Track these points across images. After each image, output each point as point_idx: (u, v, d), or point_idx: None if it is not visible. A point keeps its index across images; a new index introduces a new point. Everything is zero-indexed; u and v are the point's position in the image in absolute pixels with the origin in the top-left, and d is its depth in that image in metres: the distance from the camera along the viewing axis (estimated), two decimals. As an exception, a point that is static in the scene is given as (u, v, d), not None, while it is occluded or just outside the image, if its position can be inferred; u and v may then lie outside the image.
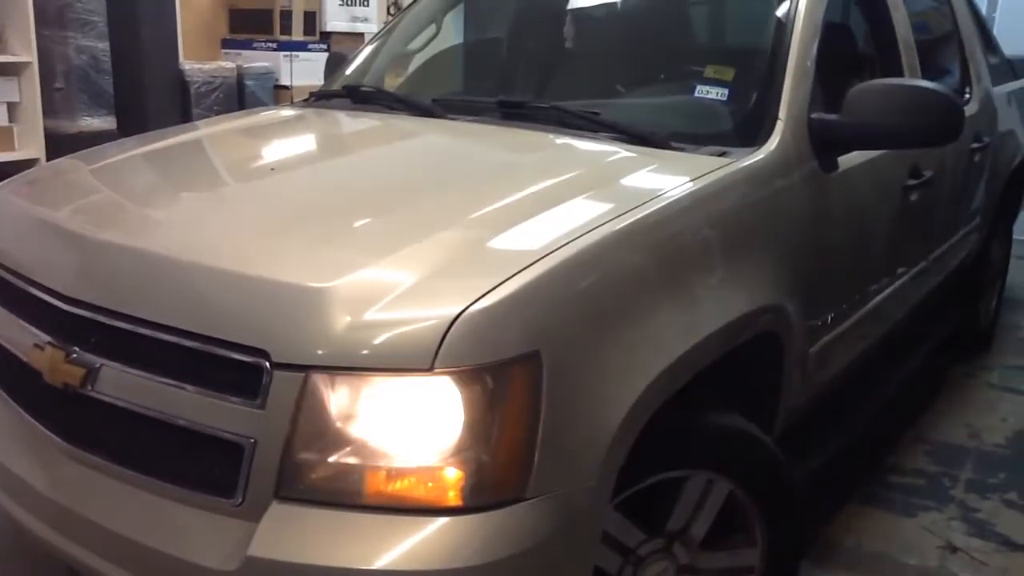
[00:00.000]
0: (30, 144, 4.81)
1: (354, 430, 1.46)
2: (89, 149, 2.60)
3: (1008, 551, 2.70)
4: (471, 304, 1.43)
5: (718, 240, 1.92)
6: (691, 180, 1.93)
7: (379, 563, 1.42)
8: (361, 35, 6.59)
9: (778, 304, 2.05)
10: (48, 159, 4.66)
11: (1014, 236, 4.73)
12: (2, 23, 4.71)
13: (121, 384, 1.63)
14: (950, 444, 3.38)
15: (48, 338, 1.73)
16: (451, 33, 3.37)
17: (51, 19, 4.88)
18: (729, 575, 2.01)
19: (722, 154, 2.09)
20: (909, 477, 3.11)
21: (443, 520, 1.44)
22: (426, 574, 1.42)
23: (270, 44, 6.09)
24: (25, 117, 4.82)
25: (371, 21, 6.71)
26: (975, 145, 3.47)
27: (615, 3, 3.02)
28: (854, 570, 2.57)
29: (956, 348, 4.10)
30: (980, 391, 3.91)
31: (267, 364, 1.45)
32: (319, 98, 2.94)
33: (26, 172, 2.50)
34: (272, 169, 2.25)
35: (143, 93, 5.24)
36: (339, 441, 1.46)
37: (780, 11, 2.40)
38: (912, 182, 2.79)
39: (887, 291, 2.81)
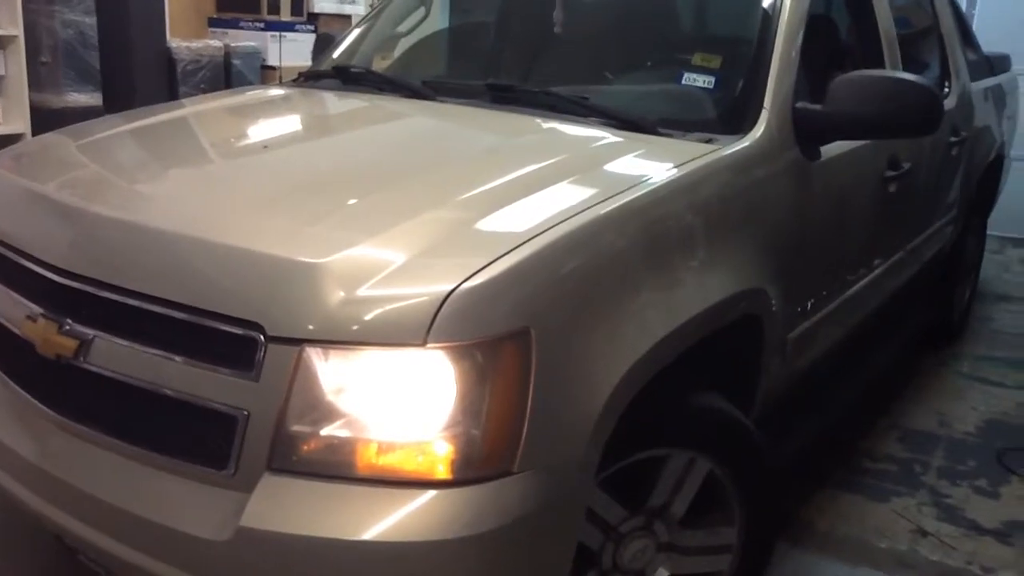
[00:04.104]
0: (15, 118, 4.78)
1: (346, 404, 1.49)
2: (76, 124, 2.58)
3: (977, 535, 2.76)
4: (463, 281, 1.46)
5: (702, 224, 1.95)
6: (677, 165, 1.96)
7: (369, 534, 1.44)
8: (348, 17, 6.57)
9: (759, 288, 2.09)
10: (33, 134, 4.63)
11: (987, 231, 4.82)
12: (-12, -4, 4.68)
13: (114, 356, 1.64)
14: (921, 432, 3.44)
15: (41, 310, 1.73)
16: (440, 16, 3.39)
17: (38, -8, 4.84)
18: (707, 552, 2.05)
19: (708, 141, 2.12)
20: (881, 463, 3.17)
21: (432, 493, 1.46)
22: (415, 545, 1.44)
23: (257, 24, 6.06)
24: (10, 91, 4.78)
25: (358, 3, 6.69)
26: (952, 139, 3.52)
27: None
28: (827, 552, 2.62)
29: (929, 338, 4.17)
30: (951, 380, 3.98)
31: (261, 337, 1.47)
32: (308, 78, 2.95)
33: (12, 146, 2.49)
34: (265, 147, 2.26)
35: (130, 70, 5.21)
36: (331, 414, 1.49)
37: (767, 2, 2.43)
38: (891, 173, 2.84)
39: (865, 280, 2.86)
